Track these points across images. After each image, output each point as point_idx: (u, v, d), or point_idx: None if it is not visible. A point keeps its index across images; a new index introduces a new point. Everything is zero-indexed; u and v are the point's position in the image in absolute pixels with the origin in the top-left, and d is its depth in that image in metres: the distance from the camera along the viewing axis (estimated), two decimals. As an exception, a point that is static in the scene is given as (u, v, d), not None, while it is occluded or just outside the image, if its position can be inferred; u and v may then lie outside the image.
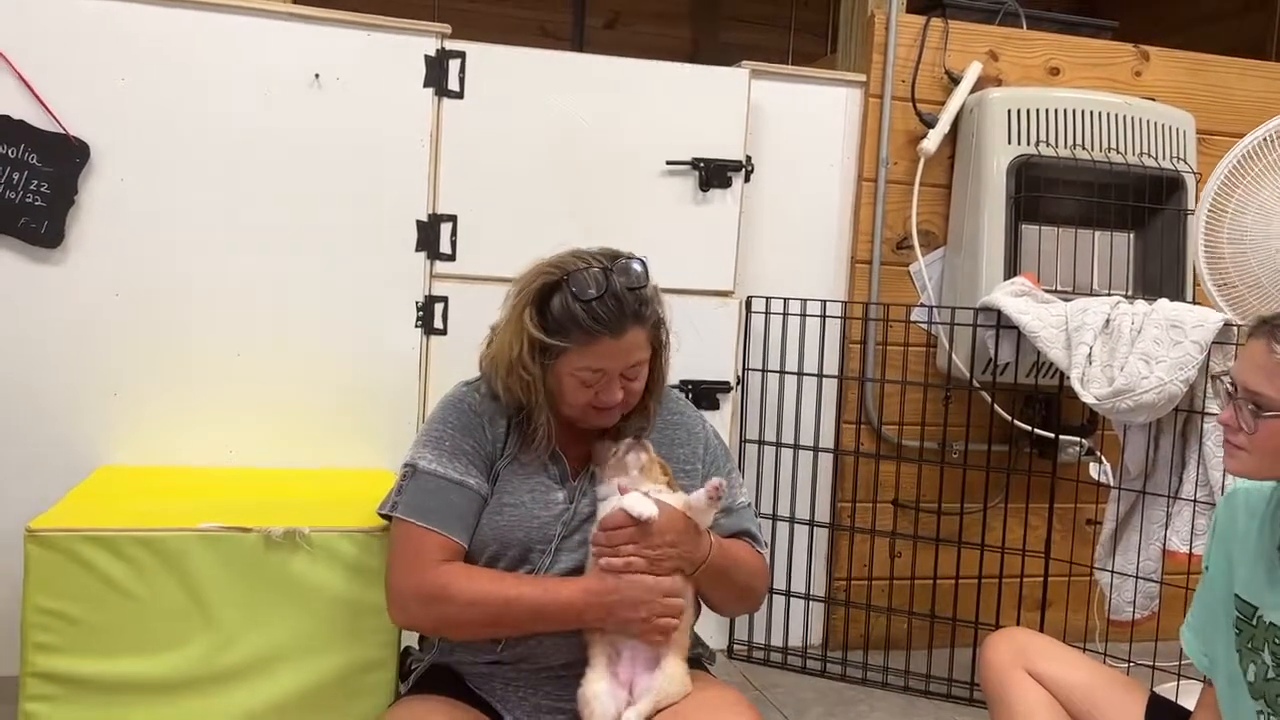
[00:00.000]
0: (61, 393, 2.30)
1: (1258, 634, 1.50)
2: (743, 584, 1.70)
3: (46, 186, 2.24)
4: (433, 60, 2.44)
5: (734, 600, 1.74)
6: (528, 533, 1.60)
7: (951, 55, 2.84)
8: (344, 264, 2.43)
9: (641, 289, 1.59)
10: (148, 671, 1.74)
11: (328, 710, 1.80)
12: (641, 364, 1.62)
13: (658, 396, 1.72)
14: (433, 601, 1.54)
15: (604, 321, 1.54)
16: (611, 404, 1.60)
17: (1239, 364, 1.43)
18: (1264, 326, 1.41)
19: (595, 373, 1.58)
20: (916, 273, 2.86)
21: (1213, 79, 3.02)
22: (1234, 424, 1.42)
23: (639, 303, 1.58)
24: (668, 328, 1.67)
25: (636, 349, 1.60)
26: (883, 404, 2.86)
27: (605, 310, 1.54)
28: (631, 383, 1.62)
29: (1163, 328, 2.32)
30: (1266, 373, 1.38)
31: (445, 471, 1.60)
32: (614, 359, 1.58)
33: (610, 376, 1.58)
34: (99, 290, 2.30)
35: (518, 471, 1.64)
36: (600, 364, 1.57)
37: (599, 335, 1.55)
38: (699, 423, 1.80)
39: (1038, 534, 2.71)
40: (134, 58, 2.28)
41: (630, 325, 1.57)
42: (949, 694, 2.65)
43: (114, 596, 1.73)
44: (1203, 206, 2.42)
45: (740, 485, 1.79)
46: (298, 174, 2.39)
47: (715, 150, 2.61)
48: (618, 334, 1.56)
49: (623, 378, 1.60)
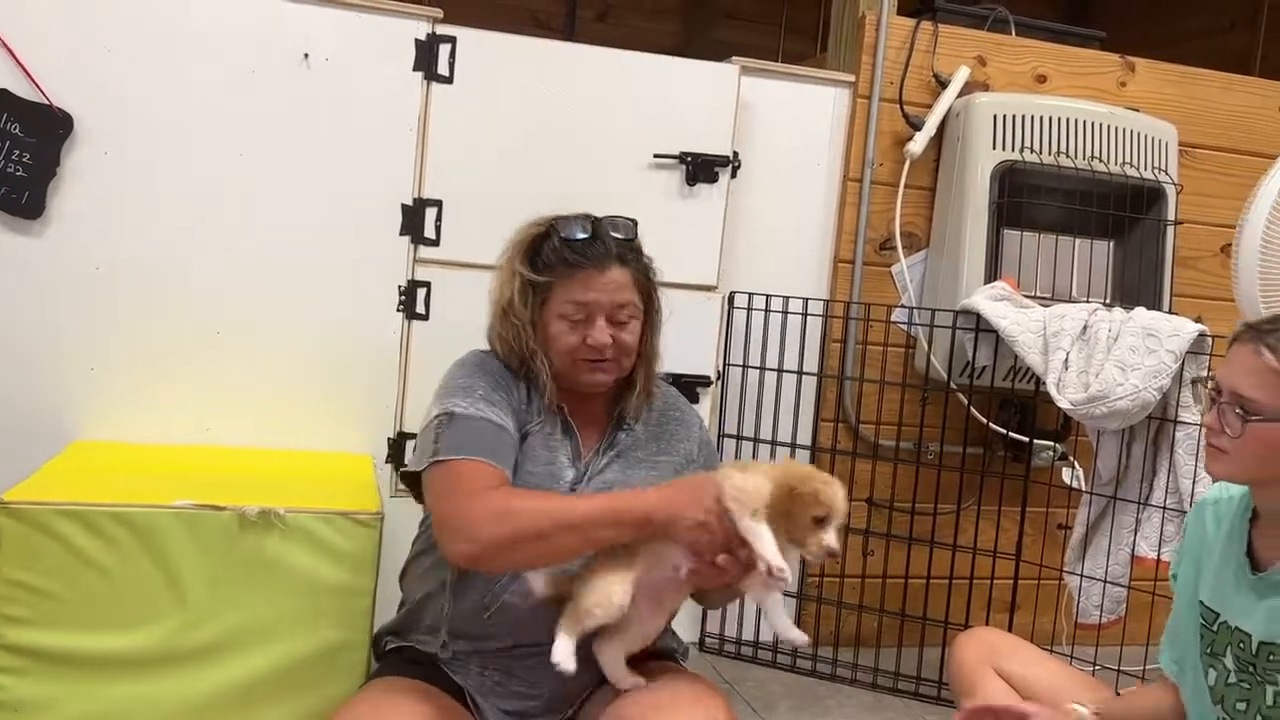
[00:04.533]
0: (37, 366, 2.28)
1: (1219, 639, 1.53)
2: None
3: (29, 157, 2.22)
4: (423, 44, 2.43)
5: (729, 599, 1.80)
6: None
7: (940, 59, 2.86)
8: (327, 245, 2.42)
9: (629, 239, 1.65)
10: (119, 647, 1.73)
11: (299, 691, 1.80)
12: (629, 307, 1.64)
13: (650, 370, 1.73)
14: (505, 516, 1.47)
15: (587, 255, 1.62)
16: (600, 345, 1.61)
17: (1225, 368, 1.45)
18: (1250, 332, 1.43)
19: (581, 307, 1.61)
20: (898, 274, 2.88)
21: (1196, 92, 3.06)
22: (1218, 427, 1.44)
23: (624, 246, 1.65)
24: (658, 299, 1.71)
25: (623, 288, 1.63)
26: (861, 403, 2.87)
27: (589, 247, 1.62)
28: (621, 330, 1.63)
29: (1139, 336, 2.35)
30: (1254, 377, 1.40)
31: (485, 413, 1.58)
32: (598, 291, 1.61)
33: (595, 313, 1.61)
34: (79, 263, 2.29)
35: (538, 443, 1.65)
36: (585, 296, 1.60)
37: (583, 267, 1.61)
38: (696, 422, 1.83)
39: (1009, 536, 2.74)
40: (121, 29, 2.26)
41: (613, 263, 1.62)
42: (916, 692, 2.67)
43: (86, 571, 1.72)
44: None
45: None
46: (283, 153, 2.37)
47: (703, 145, 2.62)
48: (602, 268, 1.61)
49: (611, 323, 1.62)
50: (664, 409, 1.78)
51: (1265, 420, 1.39)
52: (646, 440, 1.73)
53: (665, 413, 1.78)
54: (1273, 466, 1.43)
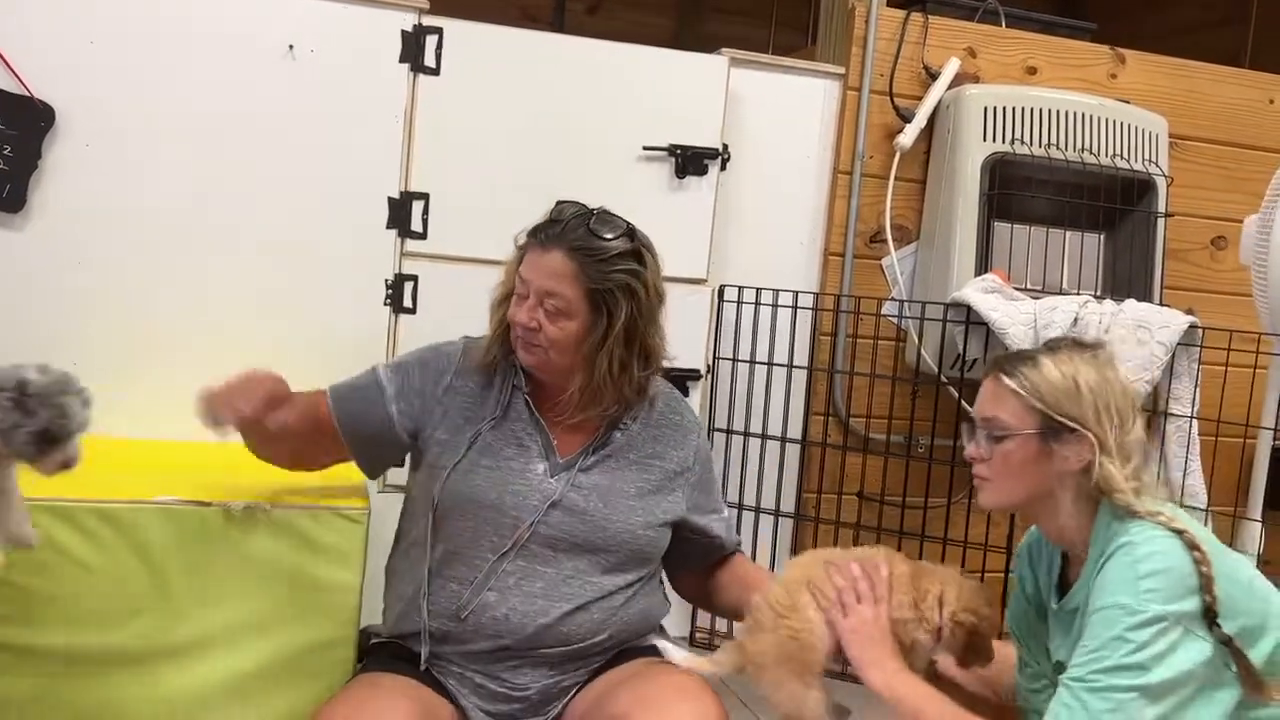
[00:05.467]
0: (18, 359, 2.24)
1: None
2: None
3: (10, 149, 2.19)
4: (409, 35, 2.41)
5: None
6: (501, 496, 1.62)
7: (930, 50, 2.85)
8: (313, 238, 2.40)
9: (596, 235, 1.62)
10: (102, 643, 1.71)
11: (285, 686, 1.78)
12: (558, 298, 1.60)
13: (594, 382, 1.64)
14: None
15: (539, 233, 1.63)
16: (519, 322, 1.62)
17: (977, 403, 1.55)
18: (994, 365, 1.54)
19: (521, 282, 1.63)
20: (888, 266, 2.87)
21: (1187, 84, 3.05)
22: (977, 455, 1.53)
23: (581, 239, 1.61)
24: (630, 316, 1.63)
25: (558, 277, 1.60)
26: (851, 396, 2.86)
27: (547, 226, 1.63)
28: (549, 322, 1.61)
29: (1130, 328, 2.35)
30: (995, 401, 1.50)
31: (379, 374, 1.73)
32: (534, 271, 1.62)
33: (529, 292, 1.62)
34: (61, 257, 2.26)
35: (502, 437, 1.66)
36: (525, 271, 1.63)
37: (530, 242, 1.64)
38: (695, 431, 1.81)
39: (1000, 530, 2.73)
40: (103, 21, 2.24)
41: (559, 248, 1.61)
42: (908, 686, 2.66)
43: (68, 567, 1.69)
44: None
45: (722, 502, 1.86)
46: (268, 146, 2.35)
47: (692, 137, 2.60)
48: (545, 248, 1.62)
49: (544, 311, 1.61)
50: (664, 412, 1.76)
51: (1009, 435, 1.47)
52: (642, 442, 1.71)
53: (665, 416, 1.76)
54: (1027, 482, 1.49)
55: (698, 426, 1.83)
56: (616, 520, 1.65)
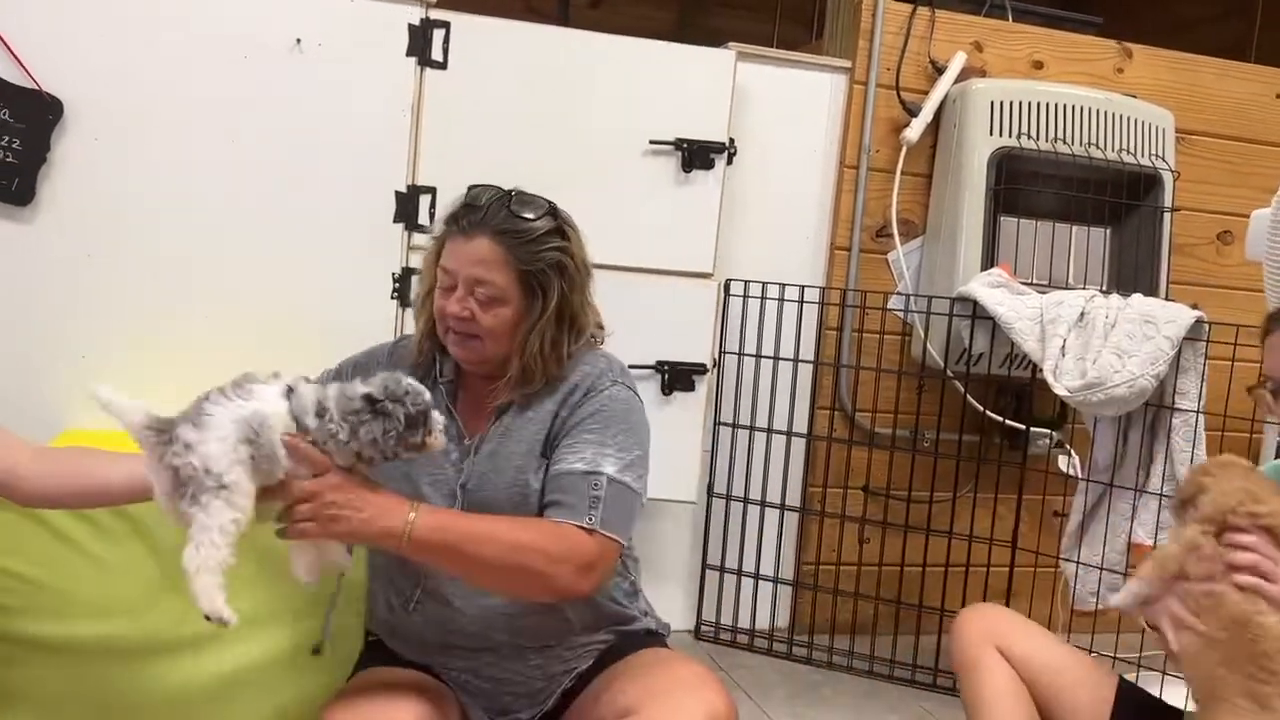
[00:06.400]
0: (29, 354, 2.26)
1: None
2: (499, 563, 1.47)
3: (18, 143, 2.19)
4: (416, 29, 2.41)
5: (497, 581, 1.52)
6: (415, 486, 1.60)
7: (937, 44, 2.85)
8: (320, 232, 2.40)
9: (519, 217, 1.59)
10: (110, 635, 1.72)
11: (294, 678, 1.80)
12: (489, 285, 1.57)
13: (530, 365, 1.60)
14: None
15: (459, 222, 1.60)
16: (451, 314, 1.58)
17: (1271, 359, 1.54)
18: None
19: (445, 273, 1.60)
20: (894, 261, 2.87)
21: (1194, 78, 3.05)
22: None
23: (505, 223, 1.58)
24: (562, 294, 1.60)
25: (485, 264, 1.57)
26: (857, 390, 2.87)
27: (465, 214, 1.60)
28: (483, 311, 1.57)
29: (1136, 322, 2.34)
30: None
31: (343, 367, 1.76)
32: (459, 260, 1.58)
33: (456, 282, 1.58)
34: (70, 250, 2.26)
35: None
36: (448, 262, 1.60)
37: (454, 233, 1.60)
38: (605, 384, 1.64)
39: (1005, 524, 2.73)
40: (111, 15, 2.24)
41: (483, 235, 1.58)
42: (912, 679, 2.67)
43: (77, 559, 1.71)
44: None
45: (591, 453, 1.57)
46: (275, 140, 2.35)
47: (698, 131, 2.60)
48: (469, 236, 1.58)
49: (475, 300, 1.58)
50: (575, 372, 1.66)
51: None
52: (537, 403, 1.64)
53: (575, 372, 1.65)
54: None
55: (607, 379, 1.64)
56: (503, 483, 1.59)
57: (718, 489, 2.80)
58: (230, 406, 1.38)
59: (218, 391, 1.41)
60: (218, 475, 1.33)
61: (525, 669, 1.63)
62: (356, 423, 1.40)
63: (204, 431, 1.35)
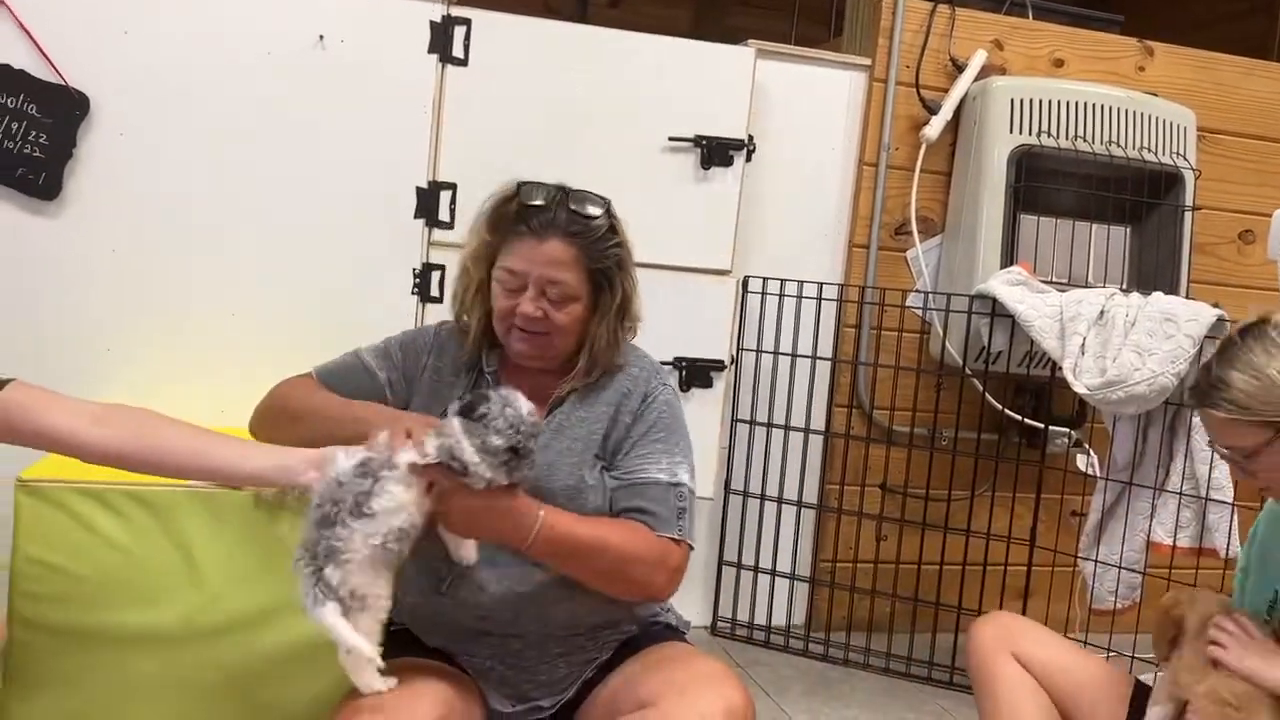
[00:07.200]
0: (54, 347, 2.29)
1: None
2: (605, 569, 1.56)
3: (45, 138, 2.22)
4: (438, 26, 2.42)
5: (600, 582, 1.58)
6: None
7: (957, 42, 2.84)
8: (342, 227, 2.42)
9: (587, 217, 1.61)
10: (134, 624, 1.73)
11: (314, 670, 1.80)
12: (563, 285, 1.59)
13: (595, 356, 1.64)
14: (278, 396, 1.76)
15: (530, 223, 1.59)
16: (525, 315, 1.58)
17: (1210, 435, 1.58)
18: (1194, 400, 1.56)
19: (513, 275, 1.60)
20: (913, 258, 2.87)
21: (1216, 77, 3.03)
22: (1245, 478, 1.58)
23: (575, 223, 1.60)
24: (622, 290, 1.64)
25: (559, 264, 1.58)
26: (875, 388, 2.87)
27: (536, 214, 1.59)
28: (555, 309, 1.59)
29: (1156, 320, 2.33)
30: (1221, 432, 1.54)
31: (365, 359, 1.73)
32: (532, 262, 1.58)
33: (526, 283, 1.59)
34: (95, 245, 2.29)
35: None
36: (520, 265, 1.59)
37: (522, 234, 1.59)
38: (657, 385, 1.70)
39: (1023, 523, 2.73)
40: (137, 11, 2.26)
41: (555, 235, 1.59)
42: (929, 677, 2.67)
43: (102, 549, 1.72)
44: None
45: (668, 462, 1.65)
46: (297, 136, 2.37)
47: (718, 128, 2.61)
48: (541, 238, 1.58)
49: (547, 300, 1.59)
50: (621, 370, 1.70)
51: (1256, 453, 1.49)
52: (591, 400, 1.67)
53: (621, 372, 1.69)
54: None
55: (658, 380, 1.71)
56: (559, 478, 1.61)
57: (735, 486, 2.80)
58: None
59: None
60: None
61: (549, 657, 1.64)
62: (497, 463, 1.43)
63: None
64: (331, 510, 1.41)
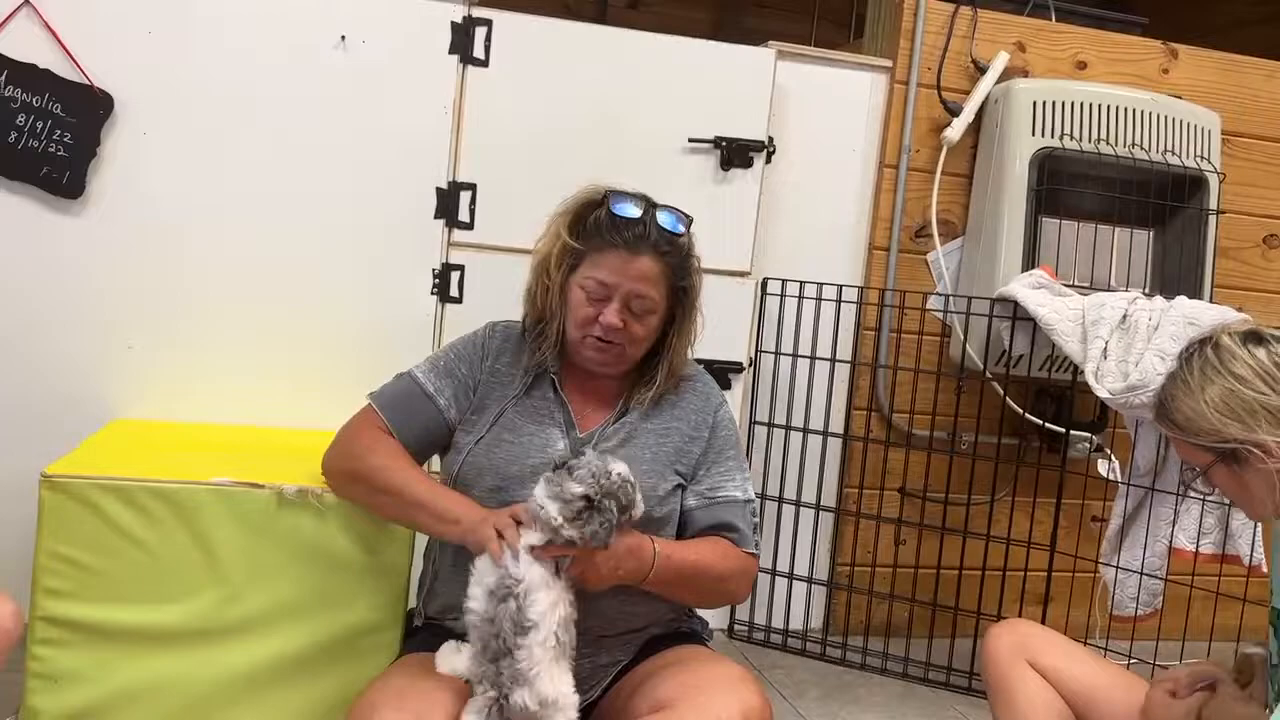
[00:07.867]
0: (78, 344, 2.31)
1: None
2: (705, 588, 1.67)
3: (69, 137, 2.24)
4: (459, 27, 2.43)
5: (696, 600, 1.74)
6: (522, 469, 1.63)
7: (979, 44, 2.83)
8: (363, 227, 2.42)
9: (675, 234, 1.65)
10: (155, 621, 1.75)
11: (333, 667, 1.81)
12: (648, 300, 1.63)
13: (671, 368, 1.71)
14: (357, 457, 1.69)
15: (623, 235, 1.62)
16: (609, 325, 1.61)
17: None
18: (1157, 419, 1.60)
19: (601, 286, 1.62)
20: (934, 261, 2.86)
21: (1241, 80, 3.01)
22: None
23: (666, 240, 1.64)
24: (695, 304, 1.71)
25: (647, 280, 1.62)
26: (894, 391, 2.85)
27: (629, 228, 1.62)
28: (636, 321, 1.63)
29: (1180, 325, 2.31)
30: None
31: (424, 383, 1.72)
32: (622, 275, 1.61)
33: (613, 294, 1.61)
34: (118, 243, 2.30)
35: (524, 413, 1.68)
36: (608, 277, 1.62)
37: (615, 247, 1.62)
38: (716, 397, 1.79)
39: (1043, 528, 2.71)
40: (161, 11, 2.28)
41: (648, 251, 1.62)
42: (947, 682, 2.66)
43: (125, 545, 1.73)
44: None
45: (741, 479, 1.75)
46: (320, 135, 2.38)
47: (737, 130, 2.60)
48: (634, 251, 1.62)
49: (629, 311, 1.62)
50: (686, 384, 1.76)
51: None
52: (660, 411, 1.72)
53: (682, 383, 1.76)
54: (1255, 494, 1.49)
55: (720, 395, 1.80)
56: None
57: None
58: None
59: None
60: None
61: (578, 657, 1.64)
62: (573, 515, 1.48)
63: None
64: (495, 644, 1.45)
